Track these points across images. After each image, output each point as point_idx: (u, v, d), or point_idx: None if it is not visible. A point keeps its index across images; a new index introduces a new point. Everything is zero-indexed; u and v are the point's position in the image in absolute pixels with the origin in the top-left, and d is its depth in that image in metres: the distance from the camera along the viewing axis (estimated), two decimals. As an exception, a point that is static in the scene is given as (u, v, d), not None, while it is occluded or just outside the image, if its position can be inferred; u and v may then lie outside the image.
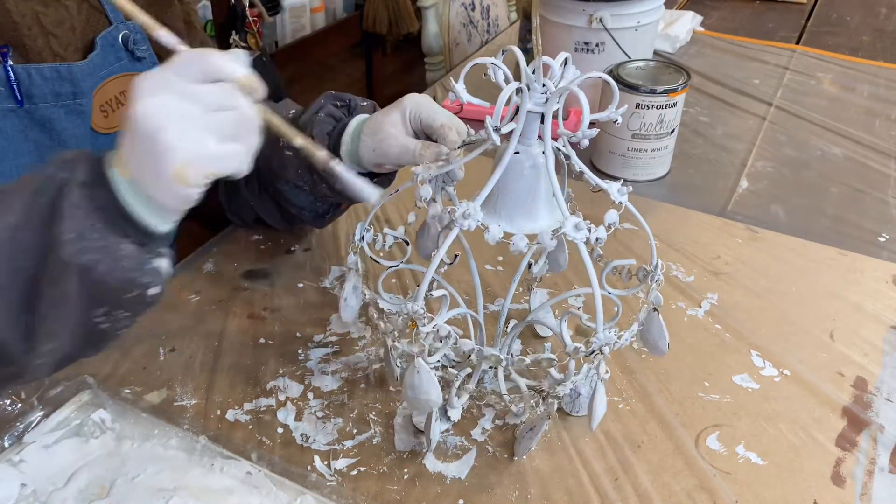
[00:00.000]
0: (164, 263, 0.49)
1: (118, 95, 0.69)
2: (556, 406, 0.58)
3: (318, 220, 0.81)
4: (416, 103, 0.68)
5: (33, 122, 0.63)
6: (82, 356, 0.51)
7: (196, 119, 0.45)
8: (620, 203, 0.56)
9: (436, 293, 0.57)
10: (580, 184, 0.61)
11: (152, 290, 0.48)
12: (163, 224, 0.48)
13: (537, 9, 1.12)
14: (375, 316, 0.59)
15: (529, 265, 0.71)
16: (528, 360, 0.63)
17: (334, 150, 0.71)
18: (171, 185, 0.45)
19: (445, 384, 0.61)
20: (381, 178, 0.74)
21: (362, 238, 0.62)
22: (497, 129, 0.52)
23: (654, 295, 0.60)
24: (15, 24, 0.61)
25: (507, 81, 0.53)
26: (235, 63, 0.47)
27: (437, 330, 0.53)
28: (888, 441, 0.65)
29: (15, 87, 0.60)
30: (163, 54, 0.74)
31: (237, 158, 0.47)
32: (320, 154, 0.53)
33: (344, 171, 0.54)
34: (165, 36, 0.48)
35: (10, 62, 0.60)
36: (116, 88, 0.69)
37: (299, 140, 0.52)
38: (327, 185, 0.71)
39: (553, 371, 0.60)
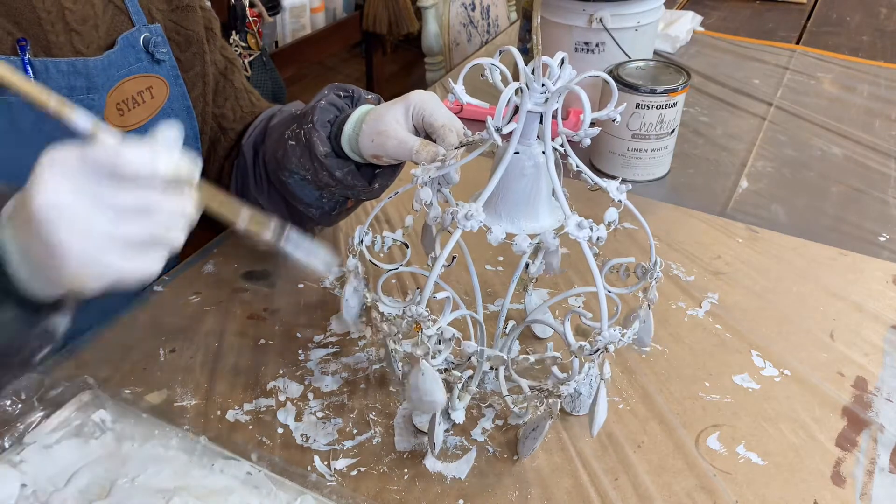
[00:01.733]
0: (58, 320, 0.45)
1: (134, 95, 0.71)
2: (558, 405, 0.58)
3: (326, 217, 0.81)
4: (421, 100, 0.68)
5: (47, 115, 0.64)
6: None
7: (103, 232, 0.41)
8: (620, 201, 0.56)
9: (438, 295, 0.57)
10: (577, 183, 0.61)
11: (40, 354, 0.44)
12: (50, 297, 0.45)
13: (538, 8, 1.12)
14: (378, 319, 0.60)
15: (527, 265, 0.71)
16: (532, 359, 0.63)
17: (336, 138, 0.71)
18: (64, 285, 0.42)
19: (448, 386, 0.61)
20: (383, 171, 0.74)
21: (361, 241, 0.62)
22: (499, 130, 0.52)
23: (653, 293, 0.60)
24: (39, 19, 0.63)
25: (504, 82, 0.53)
26: (156, 159, 0.42)
27: (441, 332, 0.53)
28: (888, 441, 0.65)
29: (31, 79, 0.61)
30: (182, 59, 0.76)
31: (143, 271, 0.43)
32: (268, 232, 0.49)
33: (296, 251, 0.50)
34: (82, 120, 0.43)
35: (28, 55, 0.62)
36: (133, 88, 0.70)
37: (245, 212, 0.48)
38: (328, 172, 0.71)
39: (556, 370, 0.60)
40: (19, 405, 0.64)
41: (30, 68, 0.62)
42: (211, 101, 0.81)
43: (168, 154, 0.42)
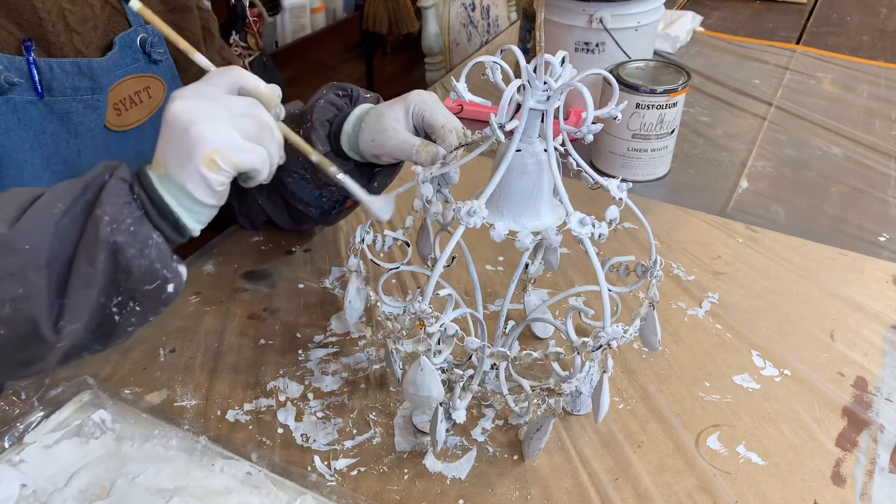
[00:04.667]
0: (183, 269, 0.52)
1: (132, 95, 0.71)
2: (561, 403, 0.58)
3: (325, 217, 0.81)
4: (421, 100, 0.68)
5: (52, 115, 0.65)
6: (89, 350, 0.53)
7: (224, 118, 0.51)
8: (620, 199, 0.56)
9: (440, 293, 0.57)
10: (577, 183, 0.61)
11: (170, 287, 0.51)
12: (192, 222, 0.52)
13: (542, 6, 1.12)
14: (381, 318, 0.60)
15: (526, 265, 0.71)
16: (535, 355, 0.63)
17: (335, 136, 0.71)
18: (200, 171, 0.50)
19: (449, 386, 0.61)
20: (383, 170, 0.74)
21: (362, 240, 0.62)
22: (502, 127, 0.52)
23: (654, 291, 0.60)
24: (40, 19, 0.63)
25: (506, 80, 0.53)
26: (258, 80, 0.54)
27: (445, 329, 0.53)
28: (888, 441, 0.65)
29: (36, 79, 0.63)
30: (180, 59, 0.76)
31: (259, 156, 0.53)
32: (332, 169, 0.58)
33: (353, 186, 0.58)
34: (201, 59, 0.57)
35: (33, 56, 0.62)
36: (131, 88, 0.71)
37: (314, 156, 0.58)
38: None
39: (557, 368, 0.60)
40: (19, 405, 0.64)
41: (35, 68, 0.62)
42: None
43: (265, 84, 0.55)
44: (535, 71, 0.52)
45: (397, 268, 0.65)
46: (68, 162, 0.66)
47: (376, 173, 0.74)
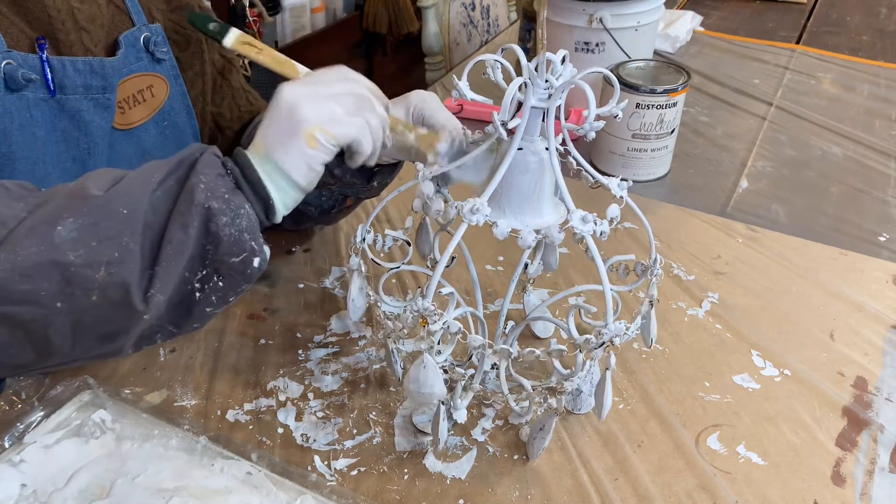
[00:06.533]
0: (268, 249, 0.53)
1: (135, 94, 0.71)
2: (563, 401, 0.58)
3: (325, 216, 0.81)
4: (422, 100, 0.68)
5: (63, 113, 0.65)
6: (163, 332, 0.54)
7: (327, 97, 0.55)
8: (621, 198, 0.56)
9: (442, 291, 0.57)
10: (577, 183, 0.61)
11: (256, 262, 0.52)
12: (280, 204, 0.54)
13: (544, 4, 1.12)
14: (382, 317, 0.60)
15: (526, 265, 0.71)
16: (538, 352, 0.63)
17: None
18: (301, 149, 0.54)
19: (449, 386, 0.61)
20: (382, 169, 0.74)
21: (363, 240, 0.62)
22: (504, 124, 0.52)
23: (653, 290, 0.60)
24: (50, 17, 0.64)
25: (507, 79, 0.53)
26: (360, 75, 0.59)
27: (448, 327, 0.53)
28: (888, 441, 0.65)
29: (49, 77, 0.63)
30: (182, 59, 0.77)
31: (357, 127, 0.56)
32: (436, 149, 0.61)
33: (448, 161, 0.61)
34: (302, 68, 0.65)
35: (46, 54, 0.63)
36: (134, 87, 0.71)
37: (421, 129, 0.62)
38: (326, 170, 0.72)
39: (558, 365, 0.60)
40: (19, 405, 0.64)
41: (47, 66, 0.62)
42: (210, 101, 0.81)
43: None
44: (536, 69, 0.52)
45: (398, 267, 0.65)
46: (78, 159, 0.66)
47: (376, 172, 0.74)
